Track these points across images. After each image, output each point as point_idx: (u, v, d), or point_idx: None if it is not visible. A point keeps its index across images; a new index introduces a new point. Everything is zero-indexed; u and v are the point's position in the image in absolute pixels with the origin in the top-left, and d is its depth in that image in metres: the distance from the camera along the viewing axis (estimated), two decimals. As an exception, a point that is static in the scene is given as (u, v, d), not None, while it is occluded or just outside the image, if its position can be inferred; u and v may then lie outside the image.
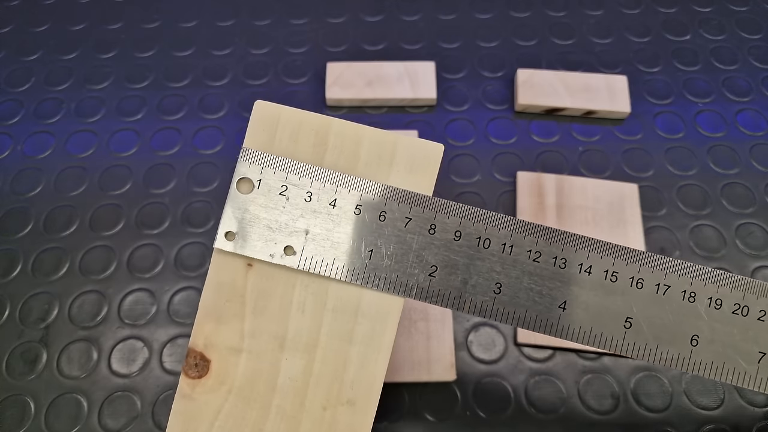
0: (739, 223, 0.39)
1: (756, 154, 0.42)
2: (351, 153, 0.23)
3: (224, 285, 0.23)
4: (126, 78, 0.45)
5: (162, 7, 0.49)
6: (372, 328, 0.23)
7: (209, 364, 0.23)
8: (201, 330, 0.23)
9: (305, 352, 0.23)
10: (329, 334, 0.23)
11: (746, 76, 0.45)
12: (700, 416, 0.34)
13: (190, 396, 0.23)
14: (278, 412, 0.22)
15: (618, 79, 0.43)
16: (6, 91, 0.45)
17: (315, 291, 0.23)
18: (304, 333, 0.23)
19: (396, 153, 0.23)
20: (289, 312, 0.23)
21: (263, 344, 0.23)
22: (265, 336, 0.23)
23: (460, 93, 0.44)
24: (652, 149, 0.42)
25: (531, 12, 0.49)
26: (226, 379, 0.23)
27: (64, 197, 0.40)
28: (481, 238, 0.21)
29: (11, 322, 0.36)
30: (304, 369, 0.23)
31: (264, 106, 0.24)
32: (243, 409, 0.23)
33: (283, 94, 0.44)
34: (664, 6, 0.49)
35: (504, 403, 0.34)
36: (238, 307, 0.23)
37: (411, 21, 0.48)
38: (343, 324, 0.23)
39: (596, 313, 0.21)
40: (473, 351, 0.35)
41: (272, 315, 0.23)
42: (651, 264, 0.21)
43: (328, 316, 0.23)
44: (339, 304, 0.23)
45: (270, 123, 0.24)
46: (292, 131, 0.24)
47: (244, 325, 0.23)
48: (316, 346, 0.23)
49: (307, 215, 0.22)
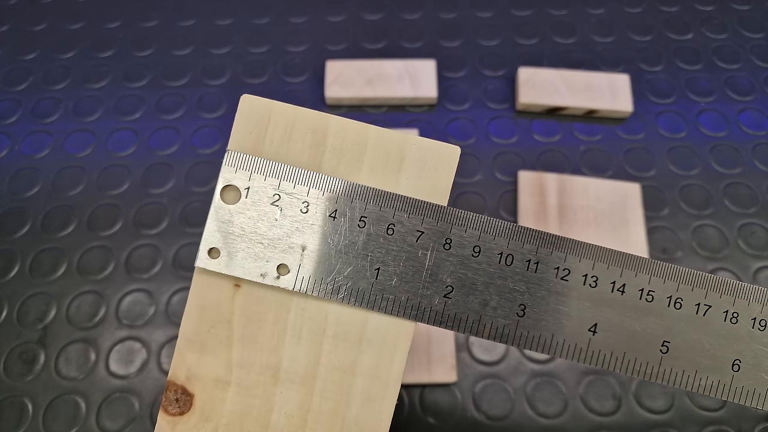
0: (742, 223, 0.39)
1: (758, 154, 0.42)
2: (353, 156, 0.20)
3: (208, 309, 0.20)
4: (124, 77, 0.45)
5: (160, 6, 0.48)
6: (378, 358, 0.20)
7: (192, 399, 0.20)
8: (182, 360, 0.20)
9: (302, 384, 0.20)
10: (329, 364, 0.20)
11: (748, 75, 0.45)
12: (702, 417, 0.34)
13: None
14: None
15: (620, 78, 0.43)
16: (4, 91, 0.44)
17: (312, 315, 0.20)
18: (300, 363, 0.20)
19: (405, 156, 0.21)
20: (284, 340, 0.20)
21: (254, 376, 0.20)
22: (255, 367, 0.20)
23: (460, 92, 0.44)
24: (654, 149, 0.42)
25: (532, 10, 0.48)
26: (212, 416, 0.20)
27: (62, 197, 0.40)
28: (503, 254, 0.19)
29: (9, 322, 0.36)
30: (301, 404, 0.20)
31: (252, 101, 0.21)
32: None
33: (282, 93, 0.44)
34: (666, 4, 0.49)
35: (505, 405, 0.34)
36: (224, 334, 0.20)
37: (411, 19, 0.48)
38: (345, 353, 0.20)
39: (630, 337, 0.19)
40: (474, 352, 0.35)
41: (264, 343, 0.20)
42: (691, 281, 0.19)
43: (328, 343, 0.20)
44: (340, 331, 0.20)
45: (259, 121, 0.21)
46: (284, 130, 0.21)
47: (232, 355, 0.20)
48: (315, 378, 0.20)
49: (304, 229, 0.19)
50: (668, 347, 0.19)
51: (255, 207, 0.19)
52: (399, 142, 0.21)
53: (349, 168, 0.20)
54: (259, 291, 0.20)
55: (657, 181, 0.40)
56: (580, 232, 0.37)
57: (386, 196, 0.19)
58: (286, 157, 0.20)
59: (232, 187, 0.19)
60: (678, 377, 0.19)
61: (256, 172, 0.19)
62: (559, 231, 0.37)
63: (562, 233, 0.37)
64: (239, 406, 0.20)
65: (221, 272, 0.19)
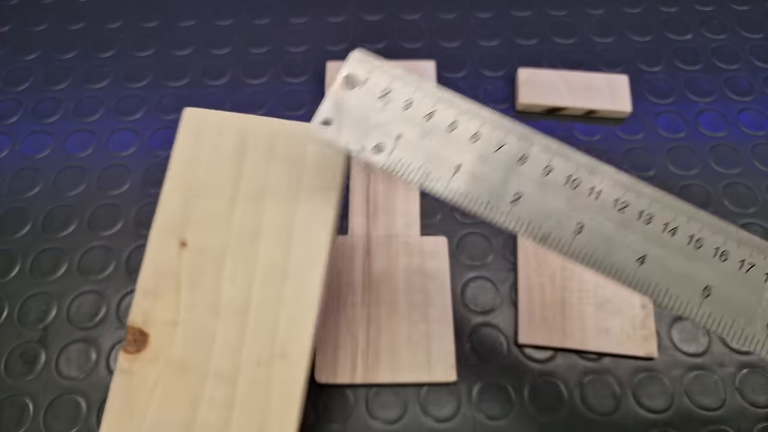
0: (741, 223, 0.39)
1: (758, 154, 0.42)
2: (267, 152, 0.26)
3: (159, 266, 0.24)
4: (125, 77, 0.45)
5: (161, 6, 0.48)
6: (299, 289, 0.24)
7: (147, 338, 0.24)
8: (139, 307, 0.24)
9: (238, 316, 0.24)
10: (259, 298, 0.24)
11: (748, 76, 0.45)
12: (702, 417, 0.34)
13: (129, 370, 0.24)
14: (215, 374, 0.24)
15: (619, 78, 0.43)
16: (4, 91, 0.44)
17: (244, 260, 0.25)
18: (236, 300, 0.24)
19: (308, 149, 0.26)
20: (221, 284, 0.24)
21: (198, 314, 0.24)
22: (199, 307, 0.24)
23: (460, 92, 0.44)
24: (653, 149, 0.42)
25: (532, 11, 0.48)
26: (164, 351, 0.24)
27: (63, 197, 0.40)
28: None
29: (9, 322, 0.36)
30: (237, 331, 0.24)
31: (192, 113, 0.27)
32: (181, 376, 0.24)
33: (283, 93, 0.44)
34: (665, 5, 0.49)
35: (505, 405, 0.34)
36: (173, 284, 0.24)
37: (411, 20, 0.48)
38: (272, 288, 0.24)
39: (675, 275, 0.21)
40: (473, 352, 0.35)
41: (206, 288, 0.24)
42: (737, 239, 0.21)
43: (258, 282, 0.24)
44: (267, 270, 0.24)
45: (197, 130, 0.27)
46: (217, 136, 0.26)
47: (180, 300, 0.24)
48: (248, 310, 0.24)
49: (402, 121, 0.24)
50: (710, 293, 0.21)
51: (367, 96, 0.24)
52: (304, 135, 0.26)
53: (264, 165, 0.26)
54: (200, 246, 0.25)
55: (656, 181, 0.41)
56: (579, 232, 0.37)
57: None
58: (218, 161, 0.26)
59: (353, 76, 0.25)
60: (716, 321, 0.20)
61: (376, 70, 0.24)
62: (558, 231, 0.38)
63: (561, 233, 0.38)
64: (187, 340, 0.24)
65: (330, 139, 0.23)
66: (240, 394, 0.23)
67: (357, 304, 0.35)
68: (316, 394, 0.34)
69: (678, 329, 0.36)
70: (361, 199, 0.39)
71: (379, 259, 0.36)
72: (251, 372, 0.24)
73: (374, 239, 0.37)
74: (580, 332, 0.35)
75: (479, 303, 0.37)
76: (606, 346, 0.34)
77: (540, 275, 0.36)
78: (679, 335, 0.36)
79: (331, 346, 0.34)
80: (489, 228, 0.39)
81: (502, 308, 0.36)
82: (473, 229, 0.39)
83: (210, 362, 0.24)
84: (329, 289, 0.36)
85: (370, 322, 0.35)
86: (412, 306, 0.35)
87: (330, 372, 0.33)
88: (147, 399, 0.23)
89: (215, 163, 0.26)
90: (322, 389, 0.34)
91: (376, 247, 0.37)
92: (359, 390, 0.34)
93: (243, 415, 0.23)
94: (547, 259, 0.37)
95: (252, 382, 0.23)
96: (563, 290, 0.36)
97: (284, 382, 0.23)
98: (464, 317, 0.36)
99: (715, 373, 0.35)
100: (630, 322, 0.35)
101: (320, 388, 0.34)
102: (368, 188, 0.39)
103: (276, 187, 0.26)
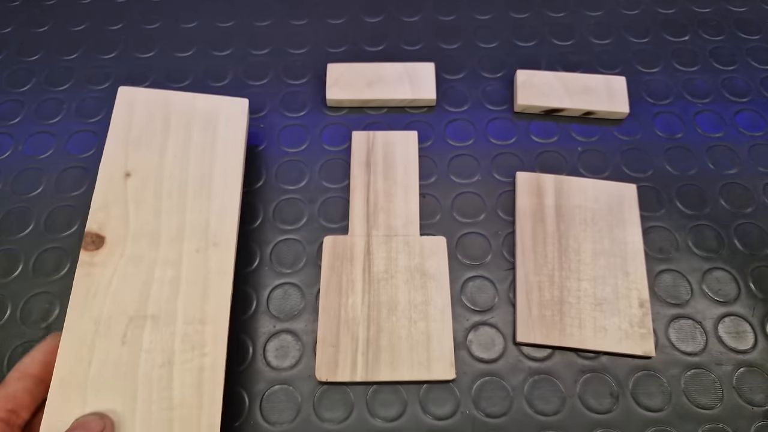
0: (738, 223, 0.39)
1: (755, 154, 0.42)
2: (184, 125, 0.36)
3: (110, 189, 0.33)
4: (127, 78, 0.45)
5: (162, 8, 0.49)
6: (223, 196, 0.34)
7: (104, 240, 0.32)
8: (95, 218, 0.32)
9: (177, 218, 0.33)
10: (192, 206, 0.33)
11: (745, 77, 0.45)
12: (699, 415, 0.34)
13: (90, 263, 0.31)
14: (163, 261, 0.32)
15: (617, 79, 0.43)
16: (7, 92, 0.45)
17: (178, 182, 0.34)
18: (173, 209, 0.33)
19: (196, 113, 0.36)
20: (161, 198, 0.33)
21: (144, 220, 0.32)
22: (145, 215, 0.33)
23: (459, 93, 0.45)
24: (651, 149, 0.42)
25: (530, 13, 0.49)
26: (118, 248, 0.32)
27: (65, 197, 0.40)
28: None
29: (12, 322, 0.36)
30: (177, 229, 0.33)
31: (125, 91, 0.36)
32: (135, 265, 0.31)
33: (284, 95, 0.44)
34: (663, 7, 0.49)
35: (503, 403, 0.34)
36: (122, 202, 0.33)
37: (411, 22, 0.48)
38: (202, 198, 0.33)
39: None
40: (473, 350, 0.35)
41: (149, 203, 0.33)
42: None
43: (189, 195, 0.33)
44: (196, 187, 0.34)
45: (130, 103, 0.36)
46: (148, 113, 0.35)
47: (128, 211, 0.33)
48: (184, 213, 0.33)
49: None
50: None
51: None
52: (190, 101, 0.36)
53: (186, 134, 0.36)
54: (142, 176, 0.34)
55: (654, 182, 0.41)
56: (577, 233, 0.38)
57: None
58: (149, 134, 0.35)
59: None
60: None
61: None
62: (556, 231, 0.38)
63: (559, 233, 0.38)
64: (137, 238, 0.32)
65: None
66: (185, 273, 0.32)
67: (357, 304, 0.35)
68: (317, 392, 0.34)
69: (675, 328, 0.36)
70: (361, 199, 0.39)
71: (379, 259, 0.37)
72: (192, 257, 0.32)
73: (374, 239, 0.37)
74: (578, 331, 0.35)
75: (478, 302, 0.37)
76: (604, 345, 0.35)
77: (538, 274, 0.37)
78: (676, 334, 0.36)
79: (331, 344, 0.34)
80: (488, 228, 0.39)
81: (501, 307, 0.37)
82: (473, 229, 0.39)
83: (158, 253, 0.32)
84: (328, 287, 0.36)
85: (370, 321, 0.35)
86: (412, 305, 0.35)
87: (330, 370, 0.34)
88: (107, 283, 0.31)
89: (148, 123, 0.35)
90: (322, 387, 0.34)
91: (376, 247, 0.37)
92: (359, 388, 0.34)
93: (189, 286, 0.31)
94: (545, 259, 0.37)
95: (193, 264, 0.32)
96: (561, 289, 0.36)
97: (218, 261, 0.32)
98: (463, 316, 0.36)
99: (712, 371, 0.35)
100: (628, 321, 0.35)
101: (321, 385, 0.34)
102: (368, 188, 0.39)
103: (198, 130, 0.36)
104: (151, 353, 0.30)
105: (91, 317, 0.30)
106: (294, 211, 0.40)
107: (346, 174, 0.41)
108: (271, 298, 0.37)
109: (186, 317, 0.31)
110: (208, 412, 0.29)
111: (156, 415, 0.28)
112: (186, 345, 0.30)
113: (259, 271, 0.38)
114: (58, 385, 0.28)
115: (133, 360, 0.29)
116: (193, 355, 0.30)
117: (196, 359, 0.30)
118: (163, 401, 0.29)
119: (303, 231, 0.39)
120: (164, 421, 0.28)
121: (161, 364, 0.29)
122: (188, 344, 0.30)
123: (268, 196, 0.40)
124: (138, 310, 0.30)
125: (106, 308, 0.30)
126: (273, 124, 0.43)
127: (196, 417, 0.29)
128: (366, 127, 0.43)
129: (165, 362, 0.29)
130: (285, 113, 0.44)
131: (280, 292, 0.37)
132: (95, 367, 0.29)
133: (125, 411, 0.28)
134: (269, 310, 0.37)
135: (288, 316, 0.37)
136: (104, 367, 0.29)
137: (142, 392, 0.29)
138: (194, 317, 0.31)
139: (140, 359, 0.29)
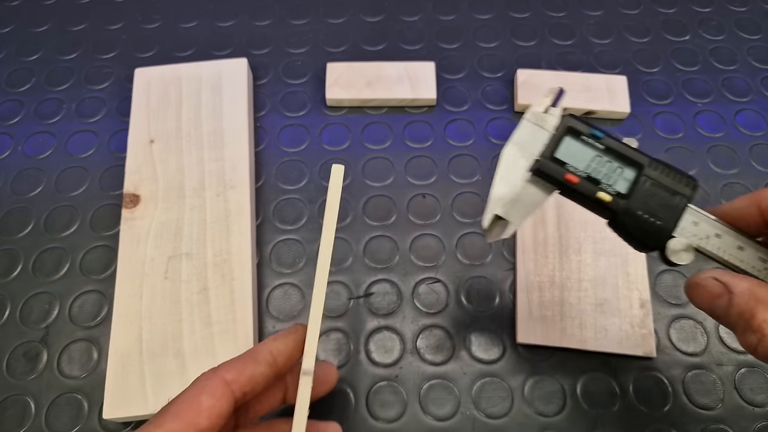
0: (739, 223, 0.39)
1: (755, 154, 0.42)
2: (194, 91, 0.41)
3: (138, 155, 0.39)
4: (126, 78, 0.45)
5: (162, 8, 0.49)
6: (234, 146, 0.40)
7: (139, 197, 0.38)
8: (130, 181, 0.39)
9: (197, 170, 0.39)
10: (209, 157, 0.39)
11: (745, 77, 0.45)
12: (700, 416, 0.34)
13: (131, 218, 0.37)
14: (189, 206, 0.38)
15: (617, 79, 0.43)
16: (6, 92, 0.45)
17: (195, 140, 0.40)
18: (194, 162, 0.39)
19: (202, 79, 0.42)
20: (182, 155, 0.39)
21: (170, 174, 0.39)
22: (170, 170, 0.39)
23: (459, 93, 0.44)
24: (651, 149, 0.42)
25: (530, 12, 0.49)
26: (152, 202, 0.38)
27: (65, 197, 0.40)
28: None
29: (12, 321, 0.36)
30: (198, 179, 0.38)
31: (142, 72, 0.42)
32: (168, 212, 0.37)
33: (284, 95, 0.44)
34: (663, 6, 0.49)
35: (503, 403, 0.34)
36: (149, 163, 0.39)
37: (411, 21, 0.48)
38: (216, 149, 0.39)
39: None
40: (473, 351, 0.35)
41: (172, 162, 0.39)
42: None
43: (206, 150, 0.39)
44: (210, 142, 0.40)
45: (147, 81, 0.42)
46: (163, 86, 0.42)
47: (156, 170, 0.39)
48: (203, 164, 0.39)
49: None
50: None
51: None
52: (197, 70, 0.43)
53: (195, 102, 0.42)
54: (164, 140, 0.40)
55: (654, 182, 0.41)
56: (577, 232, 0.38)
57: None
58: (164, 107, 0.41)
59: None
60: None
61: None
62: (556, 230, 0.38)
63: (558, 233, 0.38)
64: (166, 191, 0.38)
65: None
66: (209, 215, 0.37)
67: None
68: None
69: (676, 328, 0.36)
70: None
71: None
72: (214, 201, 0.38)
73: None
74: (578, 332, 0.35)
75: (478, 302, 0.37)
76: (604, 346, 0.35)
77: (539, 275, 0.36)
78: (677, 334, 0.36)
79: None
80: (488, 228, 0.39)
81: (501, 307, 0.37)
82: (472, 229, 0.39)
83: (185, 201, 0.38)
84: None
85: (370, 321, 0.34)
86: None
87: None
88: (147, 231, 0.37)
89: (163, 94, 0.41)
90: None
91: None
92: (359, 387, 0.34)
93: (214, 225, 0.37)
94: (546, 259, 0.37)
95: (215, 207, 0.37)
96: (562, 290, 0.36)
97: (236, 202, 0.38)
98: (463, 316, 0.36)
99: (713, 372, 0.35)
100: (629, 321, 0.35)
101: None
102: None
103: (206, 93, 0.41)
104: (189, 283, 0.35)
105: (138, 261, 0.36)
106: (294, 211, 0.40)
107: (346, 174, 0.41)
108: (271, 298, 0.37)
109: (214, 251, 0.36)
110: (243, 326, 0.34)
111: (199, 332, 0.34)
112: (216, 274, 0.35)
113: (259, 271, 0.38)
114: (117, 319, 0.34)
115: (175, 290, 0.35)
116: (224, 281, 0.35)
117: (227, 284, 0.35)
118: (203, 320, 0.34)
119: (303, 231, 0.39)
120: (206, 336, 0.34)
121: (198, 291, 0.35)
122: (218, 273, 0.35)
123: (268, 196, 0.40)
124: (174, 249, 0.36)
125: (148, 252, 0.36)
126: (273, 124, 0.43)
127: (232, 330, 0.34)
128: (366, 127, 0.43)
129: (201, 289, 0.35)
130: (285, 113, 0.44)
131: (280, 292, 0.37)
132: (146, 299, 0.35)
133: (174, 331, 0.34)
134: (269, 310, 0.37)
135: (288, 316, 0.37)
136: (153, 299, 0.35)
137: (186, 315, 0.34)
138: (221, 250, 0.36)
139: (181, 289, 0.35)
